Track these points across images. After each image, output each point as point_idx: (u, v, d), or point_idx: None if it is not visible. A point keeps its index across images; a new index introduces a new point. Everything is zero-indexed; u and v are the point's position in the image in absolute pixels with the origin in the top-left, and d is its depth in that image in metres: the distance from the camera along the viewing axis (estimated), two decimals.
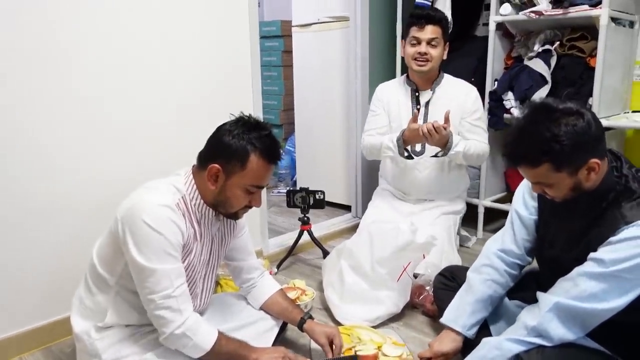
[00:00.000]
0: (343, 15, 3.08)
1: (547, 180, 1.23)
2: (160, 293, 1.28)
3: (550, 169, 1.19)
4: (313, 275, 2.37)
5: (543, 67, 2.43)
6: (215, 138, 1.37)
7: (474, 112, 2.32)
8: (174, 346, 1.33)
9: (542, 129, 1.17)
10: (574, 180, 1.21)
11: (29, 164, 1.68)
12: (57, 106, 1.71)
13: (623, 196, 1.22)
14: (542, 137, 1.16)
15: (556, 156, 1.17)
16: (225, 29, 2.16)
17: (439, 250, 2.09)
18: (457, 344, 1.50)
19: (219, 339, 1.34)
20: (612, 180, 1.24)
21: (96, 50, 1.78)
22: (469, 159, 2.28)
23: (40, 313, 1.78)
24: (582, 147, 1.17)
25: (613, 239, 1.19)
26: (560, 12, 2.33)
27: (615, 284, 1.18)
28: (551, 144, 1.16)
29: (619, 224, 1.19)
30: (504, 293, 1.53)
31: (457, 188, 2.49)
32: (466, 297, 1.53)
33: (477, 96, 2.35)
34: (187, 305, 1.33)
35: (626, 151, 2.73)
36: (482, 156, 2.31)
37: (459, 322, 1.51)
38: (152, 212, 1.28)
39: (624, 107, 2.61)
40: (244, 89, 2.28)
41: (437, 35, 2.24)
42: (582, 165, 1.19)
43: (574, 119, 1.16)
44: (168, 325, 1.29)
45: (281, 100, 4.13)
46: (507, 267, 1.52)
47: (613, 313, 1.19)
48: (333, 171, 3.36)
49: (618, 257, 1.17)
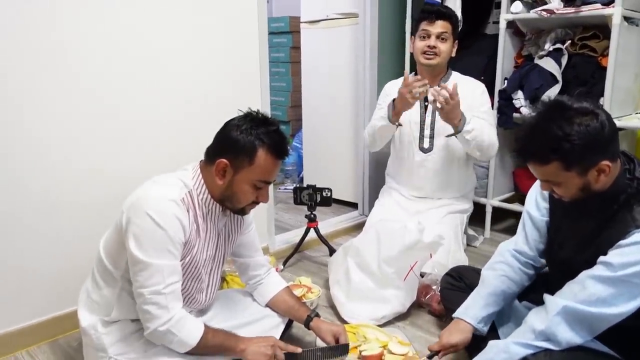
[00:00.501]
0: (352, 12, 3.07)
1: (556, 179, 1.22)
2: (150, 288, 1.27)
3: (560, 168, 1.18)
4: (319, 272, 2.37)
5: (554, 66, 2.40)
6: (223, 133, 1.37)
7: (481, 105, 2.30)
8: (159, 342, 1.33)
9: (554, 126, 1.15)
10: (583, 180, 1.20)
11: (35, 160, 1.68)
12: (61, 102, 1.72)
13: (635, 199, 1.20)
14: (554, 135, 1.15)
15: (566, 155, 1.15)
16: (233, 25, 2.16)
17: (445, 250, 2.08)
18: (466, 335, 1.47)
19: (205, 333, 1.34)
20: (624, 183, 1.22)
21: (102, 46, 1.78)
22: (481, 146, 2.19)
23: (48, 307, 1.79)
24: (593, 148, 1.15)
25: (623, 242, 1.17)
26: (572, 11, 2.31)
27: (624, 289, 1.16)
28: (562, 143, 1.14)
29: (630, 227, 1.17)
30: (517, 291, 1.52)
31: (464, 187, 2.48)
32: (479, 290, 1.52)
33: (483, 91, 2.34)
34: (176, 303, 1.31)
35: (637, 152, 2.70)
36: (492, 146, 2.23)
37: (469, 313, 1.49)
38: (157, 206, 1.28)
39: (635, 107, 2.58)
40: (252, 85, 2.28)
41: (447, 30, 2.25)
42: (592, 166, 1.18)
43: (588, 119, 1.14)
44: (153, 320, 1.29)
45: (289, 97, 4.13)
46: (521, 265, 1.50)
47: (621, 318, 1.18)
48: (340, 168, 3.35)
49: (627, 262, 1.15)
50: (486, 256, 2.49)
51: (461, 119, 2.12)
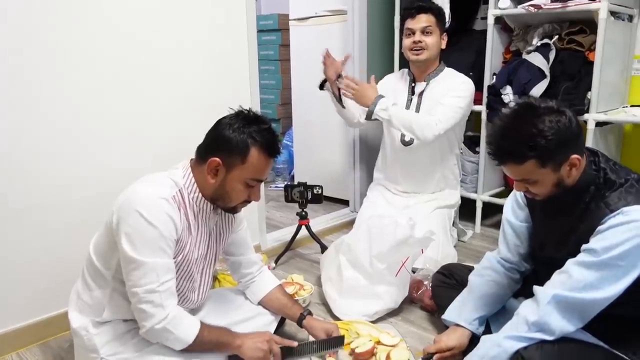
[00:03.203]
0: (341, 9, 3.06)
1: (532, 177, 1.25)
2: (145, 287, 1.27)
3: (535, 165, 1.22)
4: (311, 270, 2.37)
5: (542, 61, 2.42)
6: (215, 132, 1.36)
7: (450, 91, 2.30)
8: (155, 340, 1.32)
9: (527, 125, 1.20)
10: (557, 176, 1.25)
11: (22, 160, 1.66)
12: (51, 102, 1.70)
13: (605, 188, 1.26)
14: (528, 132, 1.20)
15: (541, 152, 1.20)
16: (222, 23, 2.15)
17: (435, 244, 2.09)
18: (464, 339, 1.50)
19: (201, 330, 1.34)
20: (591, 175, 1.28)
21: (91, 47, 1.76)
22: (407, 126, 2.21)
23: (38, 308, 1.77)
24: (565, 142, 1.21)
25: (601, 227, 1.21)
26: (559, 6, 2.33)
27: (609, 272, 1.19)
28: (537, 139, 1.19)
29: (605, 213, 1.22)
30: (507, 295, 1.55)
31: (447, 180, 2.50)
32: (468, 296, 1.56)
33: (463, 82, 2.34)
34: (171, 301, 1.31)
35: (624, 145, 2.73)
36: (422, 126, 2.20)
37: (462, 317, 1.52)
38: (148, 204, 1.27)
39: (622, 101, 2.60)
40: (241, 83, 2.27)
41: (430, 24, 2.28)
42: (565, 160, 1.23)
43: (556, 116, 1.20)
44: (149, 319, 1.28)
45: (278, 95, 4.12)
46: (506, 271, 1.55)
47: (610, 301, 1.20)
48: (331, 166, 3.35)
49: (609, 245, 1.19)
50: (476, 251, 2.52)
51: (374, 102, 2.20)
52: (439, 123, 2.21)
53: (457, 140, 2.48)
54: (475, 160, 2.84)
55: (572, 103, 2.35)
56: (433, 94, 2.34)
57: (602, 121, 2.34)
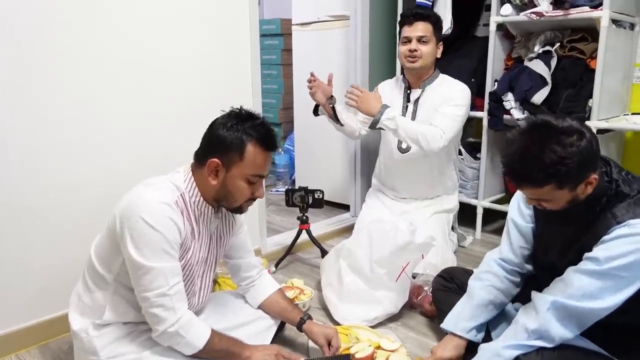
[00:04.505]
0: (343, 14, 3.07)
1: (548, 197, 1.23)
2: (155, 291, 1.28)
3: (553, 188, 1.19)
4: (311, 274, 2.37)
5: (543, 69, 2.42)
6: (210, 133, 1.37)
7: (449, 100, 2.28)
8: (167, 344, 1.33)
9: (547, 150, 1.15)
10: (572, 194, 1.22)
11: (25, 161, 1.67)
12: (53, 103, 1.70)
13: (616, 200, 1.24)
14: (549, 160, 1.15)
15: (561, 177, 1.17)
16: (225, 27, 2.16)
17: (435, 250, 2.09)
18: (459, 350, 1.49)
19: (211, 337, 1.35)
20: (603, 187, 1.25)
21: (93, 49, 1.77)
22: (412, 137, 2.19)
23: (38, 310, 1.77)
24: (586, 166, 1.18)
25: (606, 237, 1.21)
26: (561, 14, 2.33)
27: (610, 282, 1.19)
28: (558, 167, 1.15)
29: (611, 224, 1.21)
30: (506, 300, 1.53)
31: (444, 186, 2.50)
32: (466, 303, 1.54)
33: (461, 89, 2.33)
34: (182, 304, 1.32)
35: (625, 153, 2.73)
36: (425, 141, 2.17)
37: (459, 326, 1.51)
38: (151, 210, 1.28)
39: (623, 109, 2.60)
40: (243, 87, 2.28)
41: (427, 33, 2.27)
42: (583, 181, 1.20)
43: (577, 139, 1.16)
44: (161, 323, 1.29)
45: (280, 99, 4.12)
46: (507, 274, 1.52)
47: (608, 311, 1.20)
48: (332, 170, 3.35)
49: (612, 255, 1.18)
50: (476, 256, 2.52)
51: (380, 111, 2.18)
52: (443, 135, 2.20)
53: (454, 147, 2.48)
54: (476, 167, 2.84)
55: (574, 110, 2.35)
56: (429, 101, 2.34)
57: (603, 129, 2.35)
